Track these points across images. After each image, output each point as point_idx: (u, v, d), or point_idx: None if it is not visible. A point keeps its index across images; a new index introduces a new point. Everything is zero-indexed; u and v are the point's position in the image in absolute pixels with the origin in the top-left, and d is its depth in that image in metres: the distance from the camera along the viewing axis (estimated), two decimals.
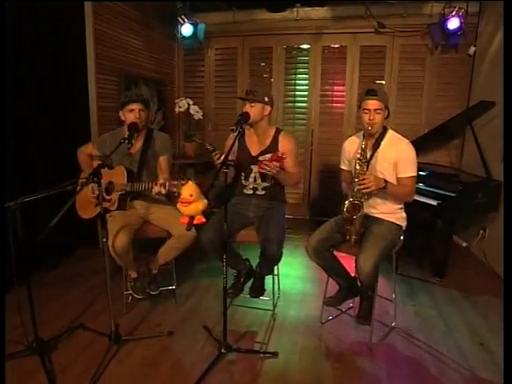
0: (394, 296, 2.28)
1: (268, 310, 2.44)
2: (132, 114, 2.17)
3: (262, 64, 4.38)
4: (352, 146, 2.16)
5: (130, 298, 2.43)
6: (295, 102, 4.35)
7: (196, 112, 3.93)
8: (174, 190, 1.84)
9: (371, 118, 1.94)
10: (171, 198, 2.12)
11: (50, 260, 2.91)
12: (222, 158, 1.83)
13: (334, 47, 4.18)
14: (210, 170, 4.45)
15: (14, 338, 2.01)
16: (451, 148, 4.00)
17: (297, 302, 2.58)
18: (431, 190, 2.93)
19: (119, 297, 2.56)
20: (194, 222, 1.55)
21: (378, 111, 1.94)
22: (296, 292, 2.73)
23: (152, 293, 2.38)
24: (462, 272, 3.08)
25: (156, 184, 1.96)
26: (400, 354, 2.04)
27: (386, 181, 1.91)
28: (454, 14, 3.46)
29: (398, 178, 1.98)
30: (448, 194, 2.80)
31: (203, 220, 1.57)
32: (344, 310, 2.42)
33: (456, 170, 3.57)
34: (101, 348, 2.01)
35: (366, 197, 1.96)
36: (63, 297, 2.55)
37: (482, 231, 3.36)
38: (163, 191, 1.92)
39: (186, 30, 4.07)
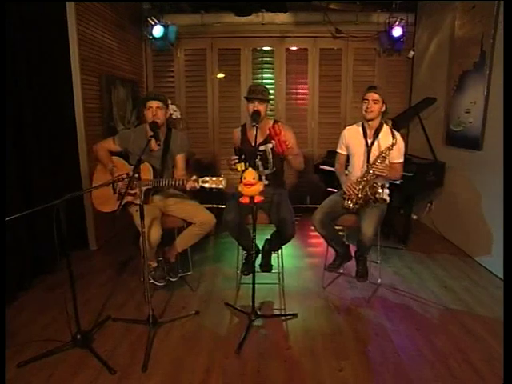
0: (379, 260, 2.78)
1: (274, 283, 2.77)
2: (149, 111, 2.31)
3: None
4: (350, 132, 2.62)
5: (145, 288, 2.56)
6: None
7: (174, 111, 4.05)
8: (206, 185, 2.06)
9: (369, 106, 2.43)
10: (195, 193, 2.29)
11: (45, 264, 2.88)
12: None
13: (296, 49, 4.60)
14: None
15: (50, 336, 2.10)
16: None
17: (295, 275, 2.95)
18: None
19: (135, 288, 2.70)
20: (255, 201, 1.81)
21: (376, 101, 2.42)
22: (291, 267, 3.09)
23: (172, 279, 2.55)
24: (420, 239, 3.73)
25: (188, 181, 2.14)
26: (391, 302, 2.53)
27: None
28: (397, 23, 4.10)
29: (390, 163, 2.46)
30: (407, 174, 3.38)
31: (262, 198, 1.83)
32: (338, 275, 2.87)
33: (406, 155, 4.23)
34: (137, 333, 2.17)
35: (377, 179, 2.41)
36: (77, 297, 2.57)
37: (429, 204, 4.07)
38: (197, 186, 2.11)
39: (157, 31, 4.16)
